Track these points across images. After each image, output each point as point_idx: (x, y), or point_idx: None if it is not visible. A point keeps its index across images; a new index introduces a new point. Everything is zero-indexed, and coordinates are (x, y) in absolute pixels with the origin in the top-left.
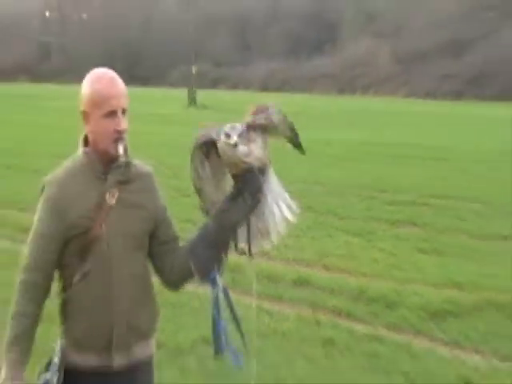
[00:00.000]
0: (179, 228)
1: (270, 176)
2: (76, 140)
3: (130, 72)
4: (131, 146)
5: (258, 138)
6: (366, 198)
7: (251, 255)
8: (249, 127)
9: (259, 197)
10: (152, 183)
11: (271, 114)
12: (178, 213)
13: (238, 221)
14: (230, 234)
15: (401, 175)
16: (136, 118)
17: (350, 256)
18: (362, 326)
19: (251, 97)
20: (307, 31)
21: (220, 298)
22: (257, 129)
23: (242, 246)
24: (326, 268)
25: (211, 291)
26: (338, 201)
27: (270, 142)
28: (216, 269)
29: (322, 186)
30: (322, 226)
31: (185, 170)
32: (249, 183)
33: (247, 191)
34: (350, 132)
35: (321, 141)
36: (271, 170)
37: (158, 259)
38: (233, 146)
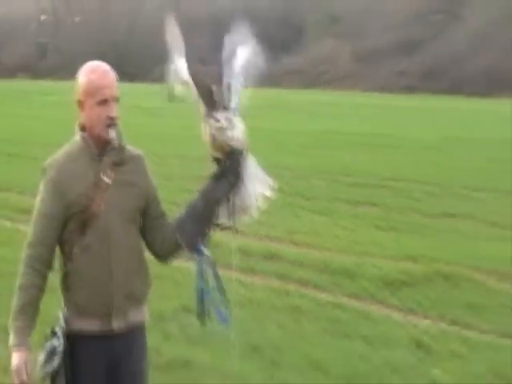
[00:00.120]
0: (165, 209)
1: (248, 158)
2: (69, 131)
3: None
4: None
5: (239, 124)
6: (330, 182)
7: (234, 230)
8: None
9: (241, 177)
10: (143, 165)
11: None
12: (163, 196)
13: (221, 198)
14: (215, 211)
15: (361, 161)
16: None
17: (316, 233)
18: (326, 294)
19: None
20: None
21: (204, 268)
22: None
23: (224, 221)
24: (294, 243)
25: (197, 261)
26: (304, 184)
27: None
28: (202, 241)
29: (290, 170)
30: (290, 207)
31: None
32: (232, 165)
33: (230, 172)
34: (314, 123)
35: (289, 130)
36: (249, 153)
37: (149, 234)
38: (222, 129)
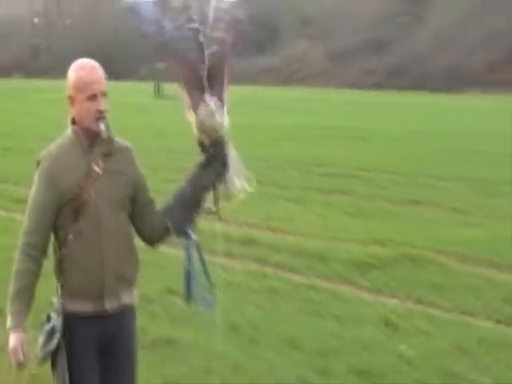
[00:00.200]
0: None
1: (230, 148)
2: (61, 125)
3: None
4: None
5: (226, 114)
6: (303, 172)
7: (218, 216)
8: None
9: (226, 165)
10: (131, 155)
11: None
12: (150, 186)
13: (208, 185)
14: (202, 197)
15: (332, 152)
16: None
17: (290, 219)
18: (301, 277)
19: None
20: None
21: (191, 252)
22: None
23: (210, 206)
24: (271, 230)
25: (185, 245)
26: (279, 174)
27: None
28: (189, 226)
29: (266, 162)
30: (266, 196)
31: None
32: (218, 153)
33: (217, 160)
34: (289, 117)
35: (265, 125)
36: (230, 143)
37: (138, 220)
38: (212, 113)
